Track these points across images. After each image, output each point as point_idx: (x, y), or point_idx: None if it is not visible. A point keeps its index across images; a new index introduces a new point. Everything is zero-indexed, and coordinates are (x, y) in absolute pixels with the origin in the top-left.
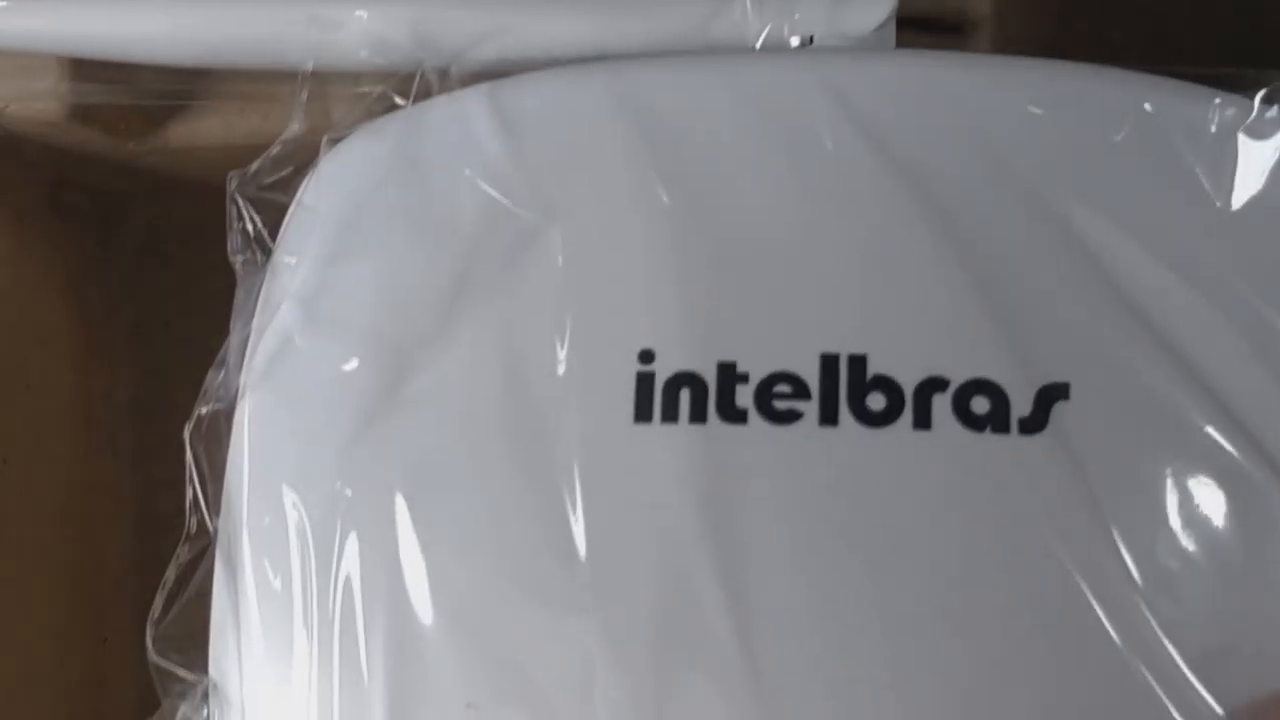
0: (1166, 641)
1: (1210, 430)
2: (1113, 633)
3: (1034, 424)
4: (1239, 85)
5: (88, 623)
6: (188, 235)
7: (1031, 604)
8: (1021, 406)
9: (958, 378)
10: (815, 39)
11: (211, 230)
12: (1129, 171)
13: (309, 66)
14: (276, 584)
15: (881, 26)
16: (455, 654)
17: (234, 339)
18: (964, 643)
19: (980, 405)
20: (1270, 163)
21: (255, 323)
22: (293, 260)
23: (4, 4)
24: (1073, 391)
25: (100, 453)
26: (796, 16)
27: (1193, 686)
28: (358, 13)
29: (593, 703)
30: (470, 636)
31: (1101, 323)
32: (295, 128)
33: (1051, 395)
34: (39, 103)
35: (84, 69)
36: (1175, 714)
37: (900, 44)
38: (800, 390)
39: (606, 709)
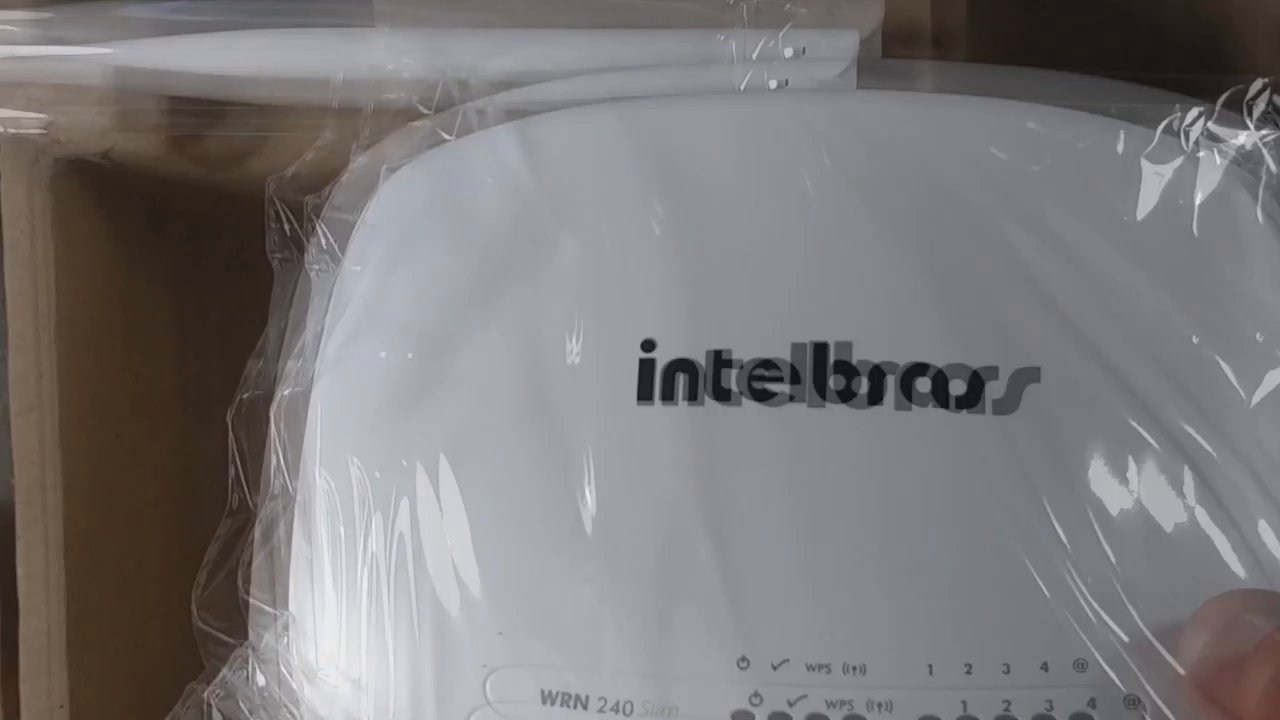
0: (1122, 593)
1: (1151, 413)
2: (1053, 562)
3: (1007, 405)
4: (1196, 89)
5: (188, 558)
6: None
7: (970, 537)
8: (996, 390)
9: (939, 363)
10: (790, 83)
11: None
12: (1053, 191)
13: (340, 76)
14: (342, 534)
15: (843, 74)
16: (489, 593)
17: (271, 331)
18: (899, 565)
19: (959, 388)
20: (1164, 182)
21: (327, 320)
22: (358, 269)
23: (111, 50)
24: (1043, 377)
25: (195, 426)
26: (773, 64)
27: (1094, 613)
28: (419, 54)
29: (601, 633)
30: (501, 579)
31: (1057, 322)
32: (327, 135)
33: (1024, 379)
34: (141, 137)
35: (178, 107)
36: (1085, 642)
37: (886, 54)
38: (784, 374)
39: (613, 638)
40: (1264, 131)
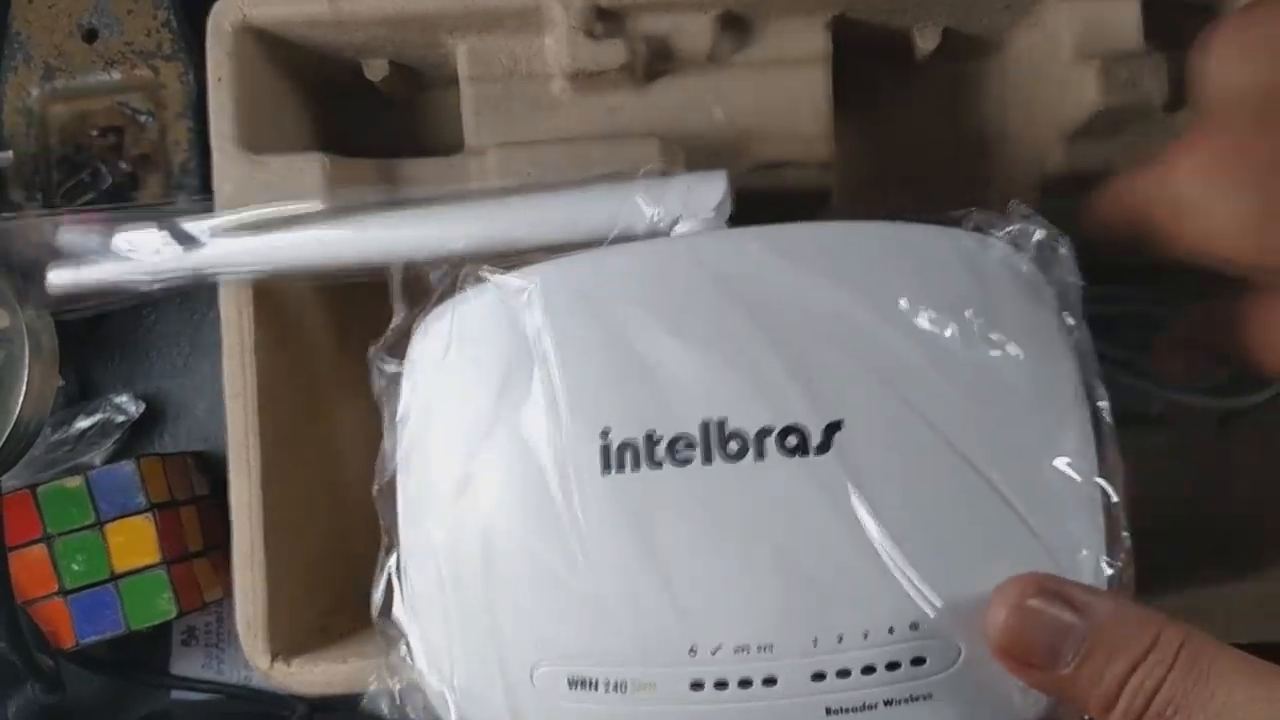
0: (908, 566)
1: (931, 439)
2: (881, 552)
3: (823, 448)
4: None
5: (333, 493)
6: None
7: (824, 546)
8: (816, 439)
9: (778, 425)
10: (680, 219)
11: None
12: (875, 280)
13: (398, 270)
14: (429, 579)
15: (718, 206)
16: (530, 613)
17: (386, 441)
18: (784, 571)
19: (793, 441)
20: (966, 250)
21: (398, 428)
22: (411, 392)
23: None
24: (846, 425)
25: (338, 415)
26: (662, 210)
27: (916, 588)
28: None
29: (601, 637)
30: (533, 603)
31: (861, 383)
32: (400, 312)
33: (833, 429)
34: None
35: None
36: (917, 600)
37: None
38: (691, 444)
39: (609, 640)
40: (1021, 225)
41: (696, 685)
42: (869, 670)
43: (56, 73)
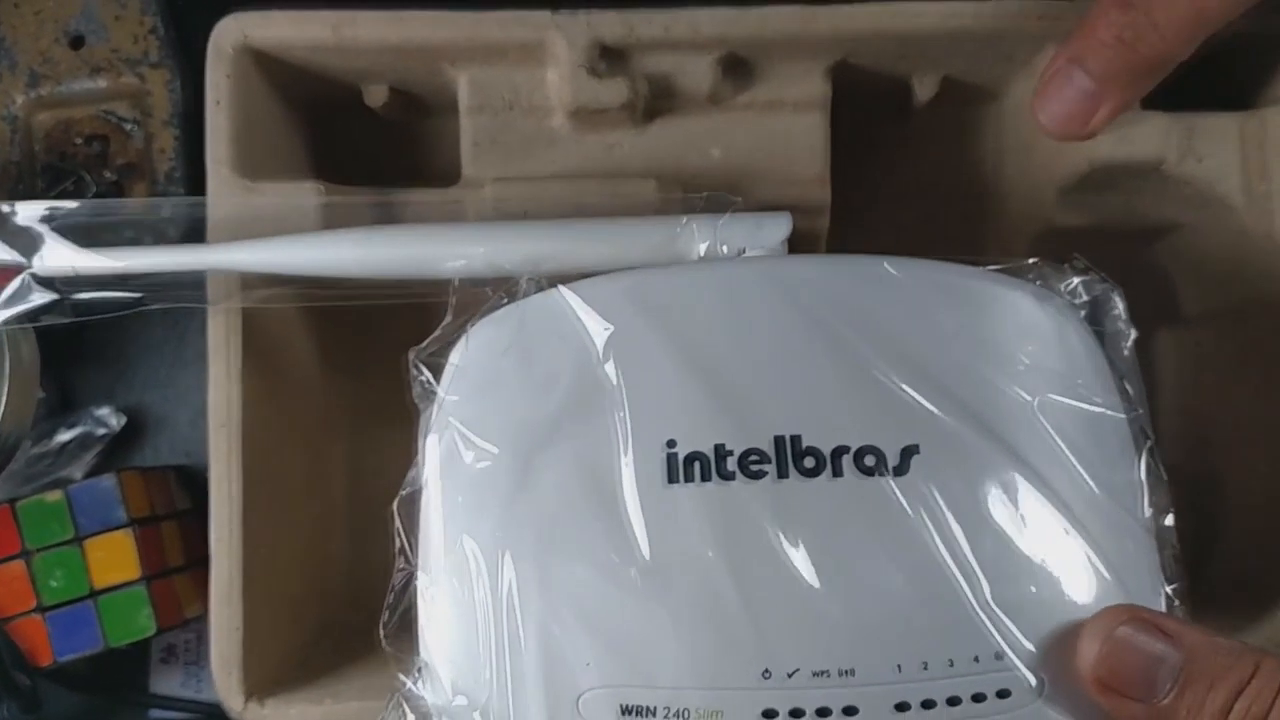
0: (990, 594)
1: (1003, 468)
2: (962, 579)
3: (901, 470)
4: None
5: (313, 533)
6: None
7: (905, 570)
8: (893, 460)
9: (855, 445)
10: (745, 251)
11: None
12: (931, 314)
13: (456, 279)
14: (462, 597)
15: (783, 244)
16: (576, 633)
17: (418, 448)
18: (866, 591)
19: (870, 460)
20: (1016, 304)
21: (430, 439)
22: (455, 398)
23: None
24: (922, 449)
25: (324, 448)
26: (724, 241)
27: (999, 617)
28: (482, 250)
29: (661, 658)
30: (584, 622)
31: (937, 412)
32: (449, 319)
33: (910, 452)
34: None
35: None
36: (998, 640)
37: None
38: (764, 458)
39: (671, 661)
40: (1082, 278)
41: (769, 714)
42: (954, 702)
43: (42, 80)
